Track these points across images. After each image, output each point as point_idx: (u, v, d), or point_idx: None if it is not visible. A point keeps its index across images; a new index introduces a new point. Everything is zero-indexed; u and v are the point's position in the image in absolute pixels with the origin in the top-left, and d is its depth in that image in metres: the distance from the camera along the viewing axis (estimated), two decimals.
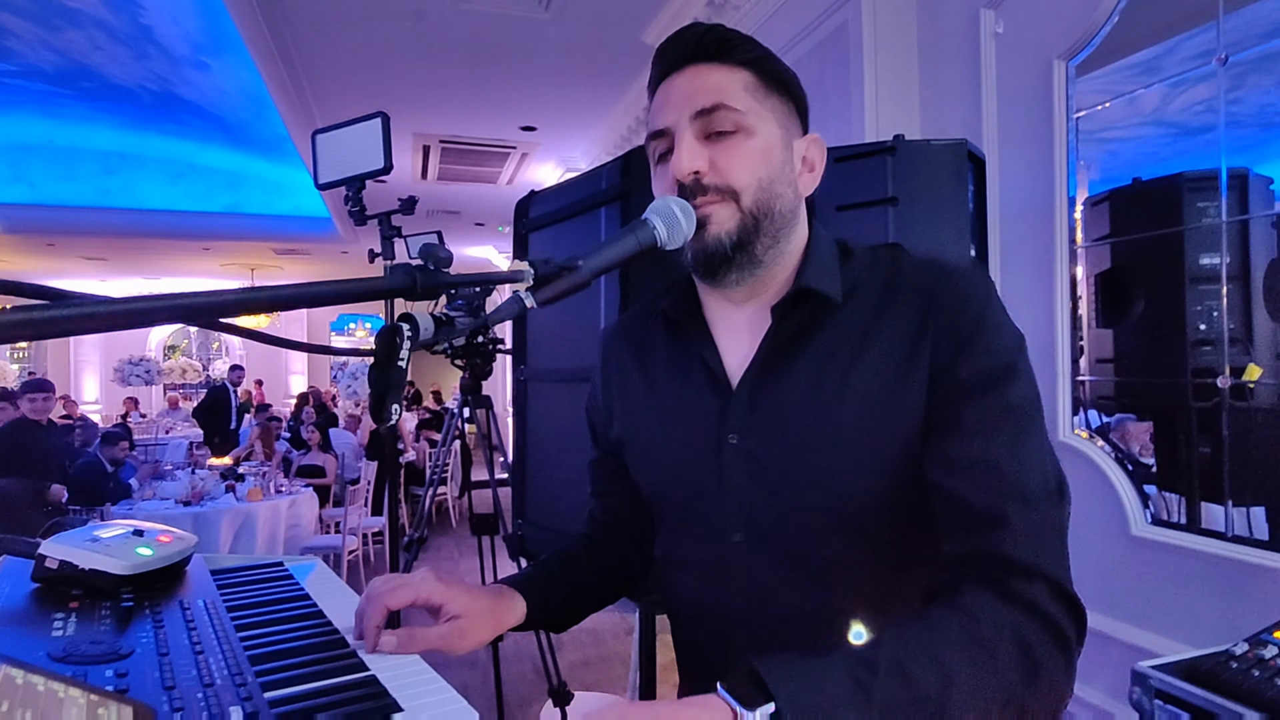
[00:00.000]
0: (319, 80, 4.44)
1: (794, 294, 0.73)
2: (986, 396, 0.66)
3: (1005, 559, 0.61)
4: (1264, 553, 1.50)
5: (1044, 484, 0.64)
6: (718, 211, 0.72)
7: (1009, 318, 0.71)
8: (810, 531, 0.71)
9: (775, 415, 0.73)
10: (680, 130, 0.72)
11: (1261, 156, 2.12)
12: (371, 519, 6.23)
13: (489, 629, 0.77)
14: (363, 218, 1.84)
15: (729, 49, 0.73)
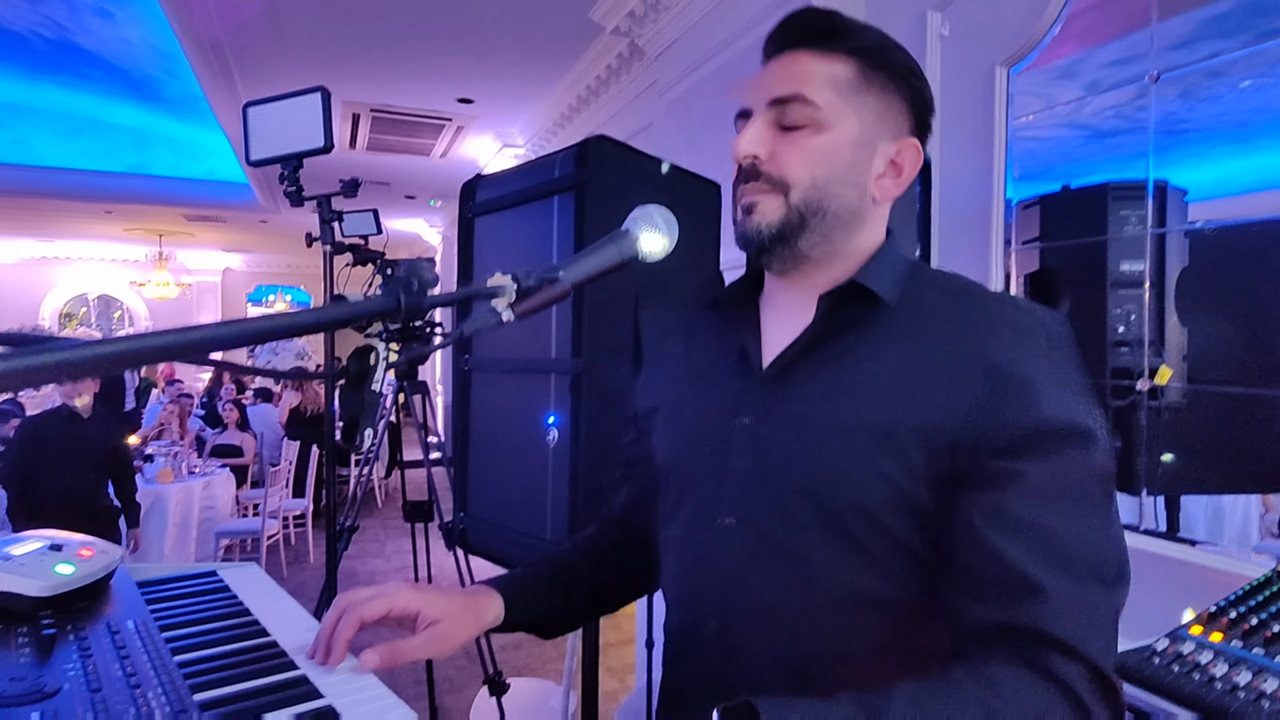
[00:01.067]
0: (239, 39, 4.16)
1: (845, 288, 0.71)
2: (1057, 458, 0.60)
3: (1044, 634, 0.55)
4: (1167, 543, 1.61)
5: (1101, 564, 0.58)
6: (765, 201, 0.71)
7: (1084, 380, 0.66)
8: (799, 527, 0.68)
9: (793, 404, 0.71)
10: (756, 114, 0.72)
11: (1165, 162, 2.24)
12: (293, 501, 6.00)
13: (469, 629, 0.75)
14: (299, 198, 1.73)
15: (833, 36, 0.71)
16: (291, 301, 15.34)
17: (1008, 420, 0.61)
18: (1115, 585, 0.58)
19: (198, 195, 8.79)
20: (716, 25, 2.90)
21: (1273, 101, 2.25)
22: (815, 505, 0.67)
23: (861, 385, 0.68)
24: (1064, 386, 0.63)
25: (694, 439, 0.78)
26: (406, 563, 5.61)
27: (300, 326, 0.43)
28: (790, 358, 0.73)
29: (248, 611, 0.80)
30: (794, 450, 0.69)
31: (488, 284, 0.53)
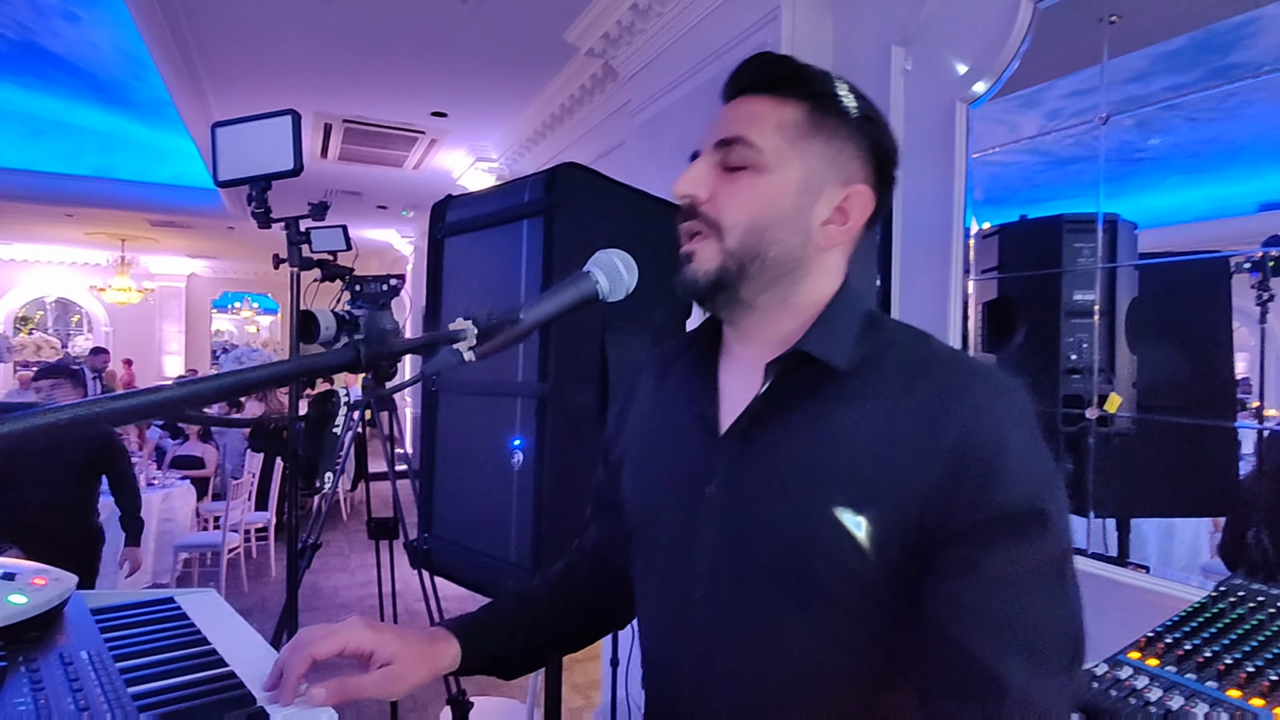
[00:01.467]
0: (210, 47, 4.13)
1: (790, 355, 0.69)
2: (1012, 546, 0.59)
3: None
4: (1119, 569, 1.67)
5: (1057, 649, 0.58)
6: (702, 248, 0.71)
7: (1042, 445, 0.64)
8: (764, 601, 0.68)
9: (757, 473, 0.70)
10: (702, 155, 0.73)
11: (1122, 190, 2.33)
12: (255, 514, 5.88)
13: (421, 673, 0.74)
14: (267, 220, 1.72)
15: (785, 82, 0.72)
16: (259, 309, 15.10)
17: (964, 507, 0.60)
18: (1071, 668, 0.59)
19: (163, 200, 8.63)
20: (689, 50, 2.96)
21: (1223, 134, 2.35)
22: (777, 582, 0.67)
23: (820, 463, 0.66)
24: (1022, 465, 0.61)
25: (662, 504, 0.78)
26: (371, 578, 5.52)
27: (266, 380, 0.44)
28: (745, 423, 0.71)
29: (205, 640, 0.80)
30: (756, 528, 0.69)
31: (449, 328, 0.54)
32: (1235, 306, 1.97)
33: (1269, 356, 1.91)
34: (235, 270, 14.20)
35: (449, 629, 0.81)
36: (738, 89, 0.74)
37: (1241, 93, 1.80)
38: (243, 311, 15.09)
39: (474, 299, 1.57)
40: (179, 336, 13.69)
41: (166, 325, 13.63)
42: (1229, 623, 1.07)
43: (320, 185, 7.13)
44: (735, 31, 2.64)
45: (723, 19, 2.73)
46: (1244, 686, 0.93)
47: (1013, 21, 1.83)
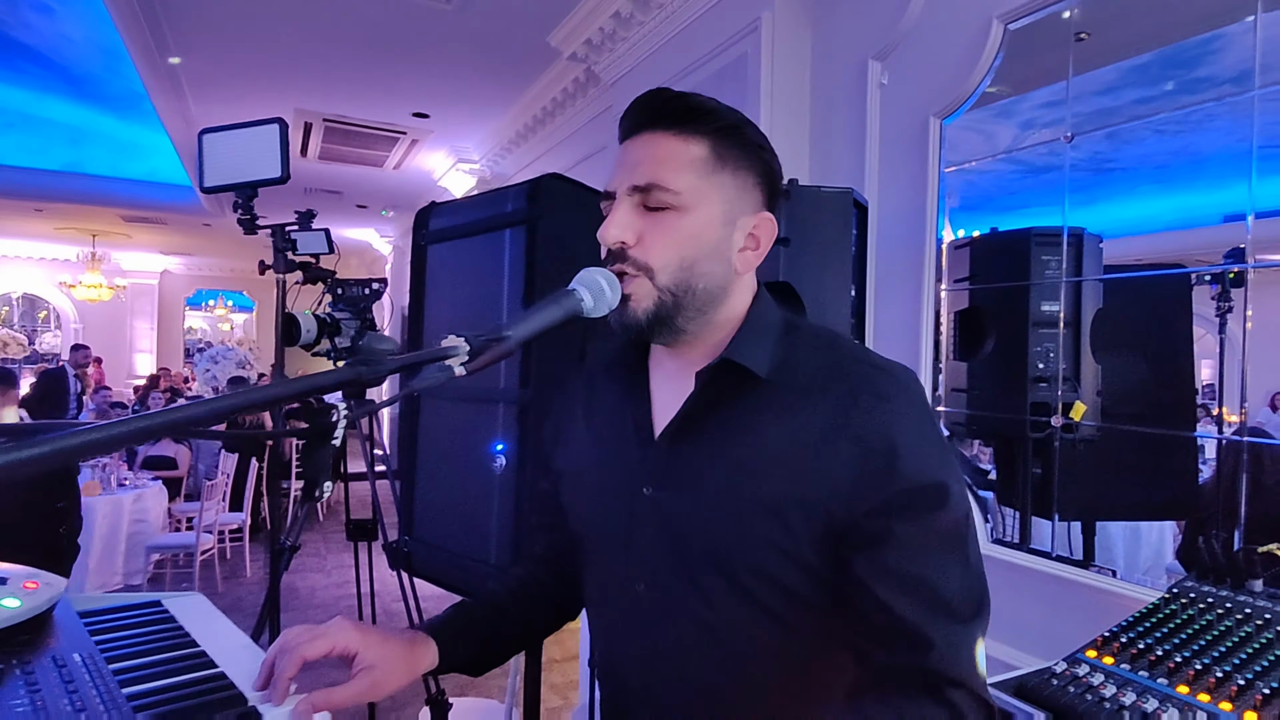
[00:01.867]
0: (188, 42, 4.09)
1: (718, 364, 0.75)
2: (919, 515, 0.68)
3: (934, 671, 0.64)
4: (1082, 571, 1.73)
5: (969, 602, 0.68)
6: (637, 288, 0.74)
7: (937, 428, 0.73)
8: (704, 591, 0.74)
9: (688, 473, 0.76)
10: (619, 199, 0.75)
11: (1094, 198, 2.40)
12: (230, 515, 5.82)
13: (403, 676, 0.77)
14: (253, 227, 1.73)
15: (689, 118, 0.74)
16: (234, 307, 14.89)
17: (874, 486, 0.69)
18: (978, 618, 0.69)
19: (137, 196, 8.50)
20: (671, 57, 3.00)
21: (1190, 145, 2.44)
22: (717, 571, 0.73)
23: (747, 459, 0.73)
24: (920, 445, 0.70)
25: (602, 508, 0.83)
26: (348, 578, 5.50)
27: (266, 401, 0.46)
28: (676, 429, 0.77)
29: (194, 642, 0.82)
30: (693, 522, 0.75)
31: (441, 345, 0.57)
32: (1199, 314, 2.04)
33: (1228, 365, 1.98)
34: (210, 267, 14.00)
35: (426, 631, 0.84)
36: (640, 125, 0.76)
37: (1207, 106, 1.87)
38: (217, 309, 14.87)
39: (457, 306, 1.59)
40: (150, 334, 13.47)
41: (138, 323, 13.40)
42: (1180, 623, 1.13)
43: (300, 184, 7.07)
44: (716, 42, 2.68)
45: (704, 29, 2.77)
46: (1192, 683, 0.98)
47: (984, 41, 1.89)
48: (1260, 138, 1.65)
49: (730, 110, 0.77)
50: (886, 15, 2.17)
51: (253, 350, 10.88)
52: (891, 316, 2.20)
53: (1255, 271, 1.65)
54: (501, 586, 0.96)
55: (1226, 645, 1.05)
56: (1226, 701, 0.94)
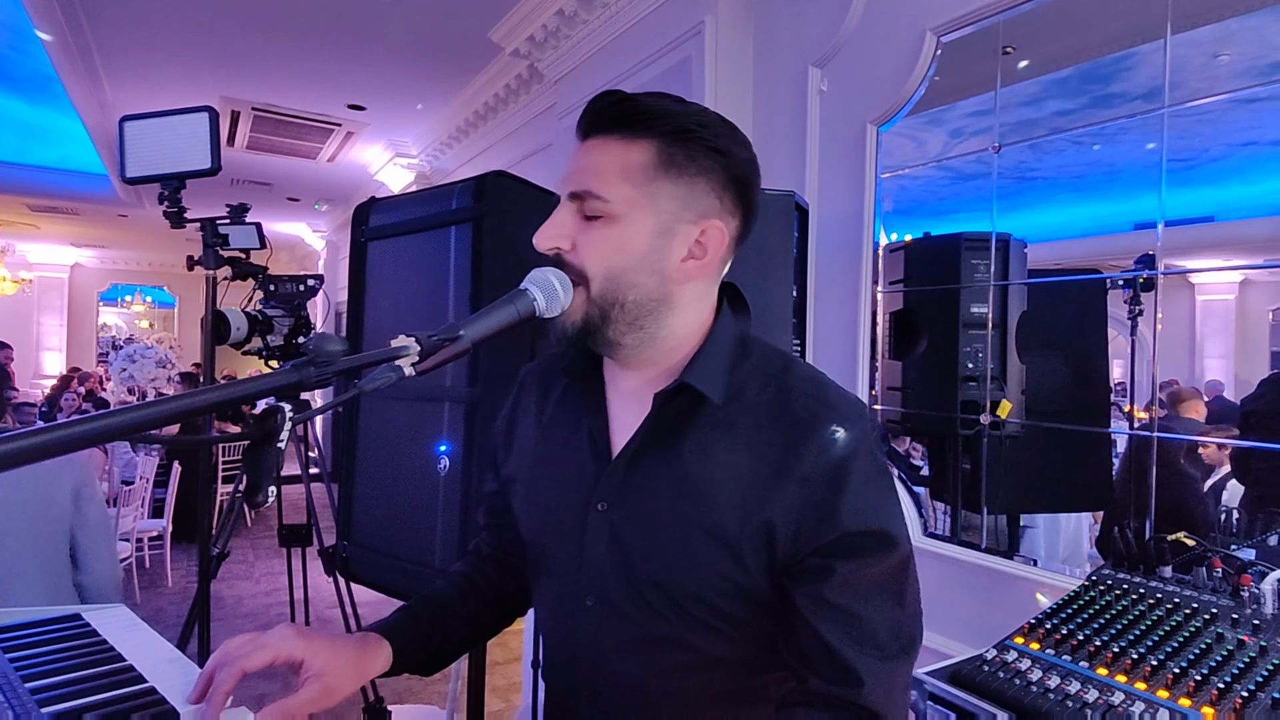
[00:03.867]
0: (104, 21, 3.87)
1: (675, 388, 0.75)
2: (858, 559, 0.70)
3: (860, 706, 0.68)
4: (1008, 562, 1.81)
5: (899, 640, 0.71)
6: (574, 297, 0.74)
7: (884, 470, 0.74)
8: (651, 609, 0.75)
9: (642, 492, 0.77)
10: (561, 203, 0.75)
11: (1016, 205, 2.51)
12: (150, 521, 5.54)
13: (354, 680, 0.75)
14: (181, 220, 1.64)
15: (634, 122, 0.72)
16: (152, 303, 14.15)
17: (819, 529, 0.71)
18: (907, 655, 0.72)
19: (45, 184, 7.98)
20: (616, 57, 3.00)
21: (1104, 157, 2.57)
22: (663, 593, 0.75)
23: (699, 486, 0.74)
24: (865, 492, 0.71)
25: (555, 520, 0.83)
26: (277, 585, 5.31)
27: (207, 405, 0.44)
28: (634, 448, 0.77)
29: (120, 656, 0.78)
30: (643, 545, 0.76)
31: (392, 345, 0.56)
32: (1114, 316, 2.15)
33: (1139, 364, 2.10)
34: (126, 260, 13.27)
35: (378, 633, 0.82)
36: (589, 129, 0.75)
37: (1120, 119, 1.97)
38: (134, 305, 14.10)
39: (399, 304, 1.55)
40: (60, 331, 12.68)
41: (46, 319, 12.60)
42: (1098, 609, 1.20)
43: (226, 174, 6.77)
44: (661, 43, 2.70)
45: (649, 30, 2.79)
46: (1110, 665, 1.04)
47: (918, 52, 1.95)
48: (1167, 152, 1.76)
49: (693, 112, 0.74)
50: (826, 24, 2.22)
51: (174, 348, 10.36)
52: (830, 317, 2.25)
53: (1164, 276, 1.75)
54: (448, 583, 0.95)
55: (1140, 628, 1.11)
56: (1142, 681, 1.00)
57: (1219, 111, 1.93)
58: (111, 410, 0.41)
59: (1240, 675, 0.98)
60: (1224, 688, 0.95)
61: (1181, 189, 2.18)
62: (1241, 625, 1.10)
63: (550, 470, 0.86)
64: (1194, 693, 0.96)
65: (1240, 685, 0.95)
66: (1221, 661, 1.01)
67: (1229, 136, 2.47)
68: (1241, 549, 1.44)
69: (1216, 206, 2.60)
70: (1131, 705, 0.95)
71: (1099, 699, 0.98)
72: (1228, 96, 1.80)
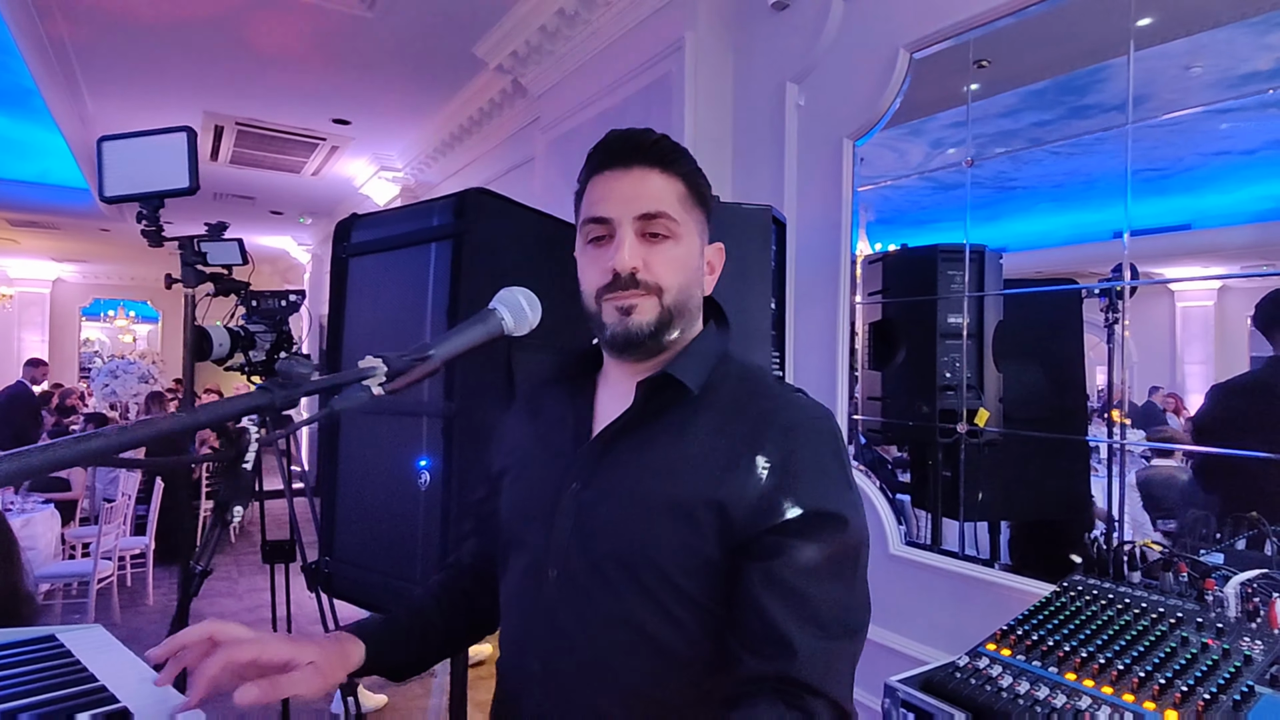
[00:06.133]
0: (86, 38, 3.86)
1: (659, 377, 0.83)
2: (814, 538, 0.74)
3: (796, 680, 0.70)
4: (985, 569, 1.83)
5: (843, 622, 0.74)
6: (643, 303, 0.82)
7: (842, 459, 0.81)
8: (609, 582, 0.79)
9: (614, 473, 0.82)
10: (623, 226, 0.81)
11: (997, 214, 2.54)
12: (131, 539, 5.47)
13: (339, 671, 0.79)
14: (159, 239, 1.64)
15: (672, 160, 0.84)
16: (136, 318, 14.02)
17: (776, 507, 0.75)
18: (853, 638, 0.75)
19: (25, 198, 7.92)
20: (598, 72, 3.03)
21: (1082, 167, 2.61)
22: (623, 566, 0.78)
23: (668, 465, 0.80)
24: (822, 477, 0.78)
25: (532, 500, 0.89)
26: (261, 602, 5.25)
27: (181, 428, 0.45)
28: (612, 433, 0.84)
29: (93, 677, 0.78)
30: (608, 518, 0.81)
31: (359, 365, 0.57)
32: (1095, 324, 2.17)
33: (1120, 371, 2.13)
34: (109, 275, 13.16)
35: (355, 632, 0.86)
36: (632, 159, 0.84)
37: (1096, 131, 2.00)
38: (117, 320, 13.97)
39: (379, 321, 1.56)
40: (42, 346, 12.52)
41: (27, 334, 12.45)
42: (1068, 614, 1.22)
43: (210, 189, 6.75)
44: (642, 59, 2.73)
45: (630, 47, 2.82)
46: (1079, 670, 1.06)
47: (892, 68, 1.99)
48: (1142, 162, 1.79)
49: (690, 155, 0.87)
50: (803, 41, 2.26)
51: (157, 363, 10.26)
52: (810, 328, 2.28)
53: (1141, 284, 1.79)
54: (425, 592, 0.98)
55: (1108, 634, 1.14)
56: (1108, 685, 1.02)
57: (1192, 122, 1.97)
58: (75, 437, 0.42)
59: (1204, 678, 1.00)
60: (1187, 690, 0.97)
61: (1158, 198, 2.21)
62: (1206, 629, 1.12)
63: (535, 459, 0.92)
64: (1159, 696, 0.98)
65: (1203, 688, 0.97)
66: (1186, 665, 1.03)
67: (1202, 146, 2.52)
68: (1210, 554, 1.47)
69: (1193, 214, 2.65)
70: (1098, 710, 0.97)
71: (1066, 704, 1.00)
72: (1199, 107, 1.84)
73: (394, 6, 3.29)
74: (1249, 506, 1.51)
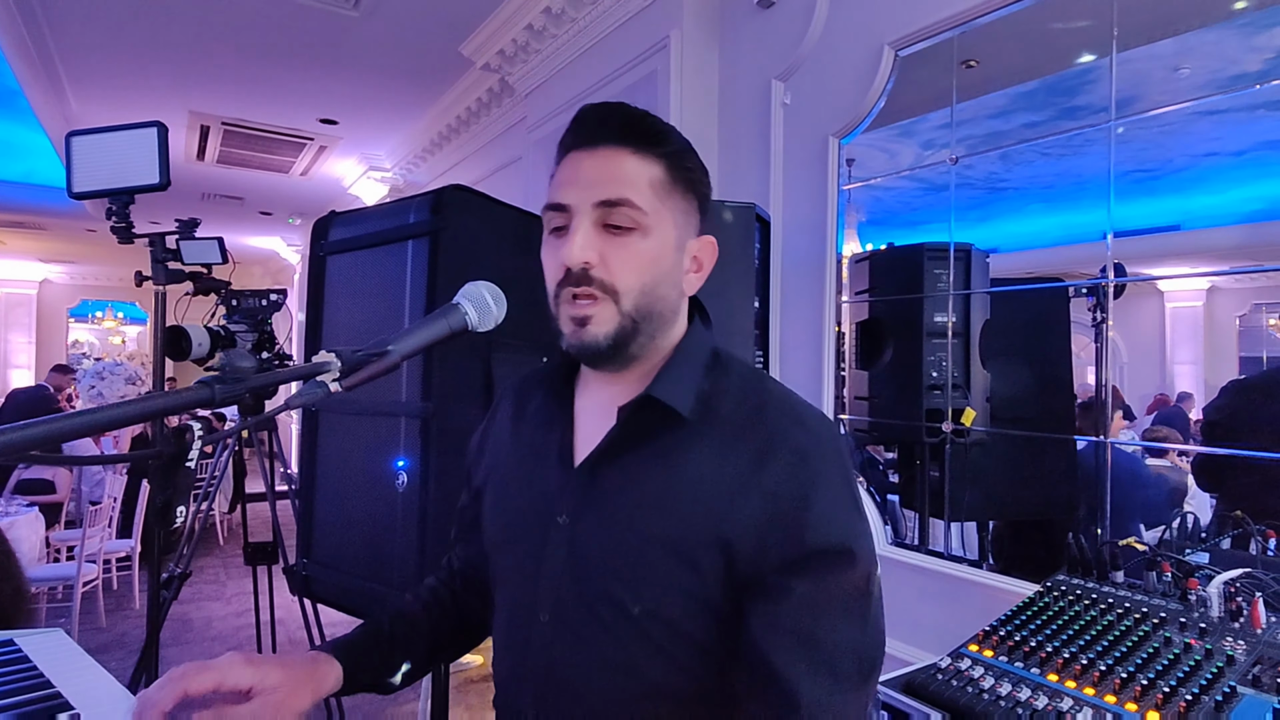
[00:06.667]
0: (68, 37, 3.82)
1: (640, 400, 0.73)
2: (820, 577, 0.67)
3: None
4: (972, 569, 1.82)
5: (856, 667, 0.67)
6: (599, 311, 0.71)
7: (852, 486, 0.72)
8: (605, 626, 0.72)
9: (602, 505, 0.74)
10: (580, 215, 0.71)
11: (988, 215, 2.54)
12: (117, 541, 5.41)
13: (306, 699, 0.72)
14: (129, 235, 1.61)
15: (649, 138, 0.73)
16: (124, 319, 13.92)
17: (781, 544, 0.68)
18: (865, 683, 0.68)
19: (10, 199, 7.84)
20: (585, 70, 3.01)
21: (1072, 167, 2.61)
22: (618, 609, 0.71)
23: (661, 497, 0.71)
24: (832, 508, 0.69)
25: (517, 531, 0.81)
26: (249, 606, 5.20)
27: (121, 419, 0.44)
28: (596, 460, 0.75)
29: (49, 683, 0.76)
30: (600, 557, 0.73)
31: (313, 360, 0.55)
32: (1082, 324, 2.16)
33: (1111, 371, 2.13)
34: (97, 276, 13.05)
35: (329, 651, 0.80)
36: (599, 138, 0.73)
37: (1085, 132, 2.00)
38: (105, 321, 13.85)
39: (357, 319, 1.54)
40: (29, 348, 12.42)
41: (13, 336, 12.34)
42: (1051, 615, 1.21)
43: (197, 189, 6.70)
44: (628, 57, 2.71)
45: (616, 44, 2.81)
46: (1061, 671, 1.05)
47: (876, 66, 1.99)
48: (1132, 163, 1.78)
49: (679, 134, 0.77)
50: (788, 38, 2.25)
51: (145, 365, 10.19)
52: (795, 327, 2.27)
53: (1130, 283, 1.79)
54: (415, 601, 0.92)
55: (1091, 634, 1.13)
56: (1090, 686, 1.01)
57: (1181, 123, 1.97)
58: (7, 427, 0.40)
59: (1186, 679, 0.99)
60: (1169, 691, 0.96)
61: (1147, 198, 2.21)
62: (1189, 629, 1.11)
63: (518, 480, 0.84)
64: (1140, 697, 0.97)
65: (1185, 689, 0.96)
66: (1168, 665, 1.02)
67: (1191, 147, 2.52)
68: (1196, 553, 1.46)
69: (1182, 215, 2.65)
70: (1079, 711, 0.96)
71: (1048, 705, 0.99)
72: (1189, 109, 1.84)
73: (379, 5, 3.27)
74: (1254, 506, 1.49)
